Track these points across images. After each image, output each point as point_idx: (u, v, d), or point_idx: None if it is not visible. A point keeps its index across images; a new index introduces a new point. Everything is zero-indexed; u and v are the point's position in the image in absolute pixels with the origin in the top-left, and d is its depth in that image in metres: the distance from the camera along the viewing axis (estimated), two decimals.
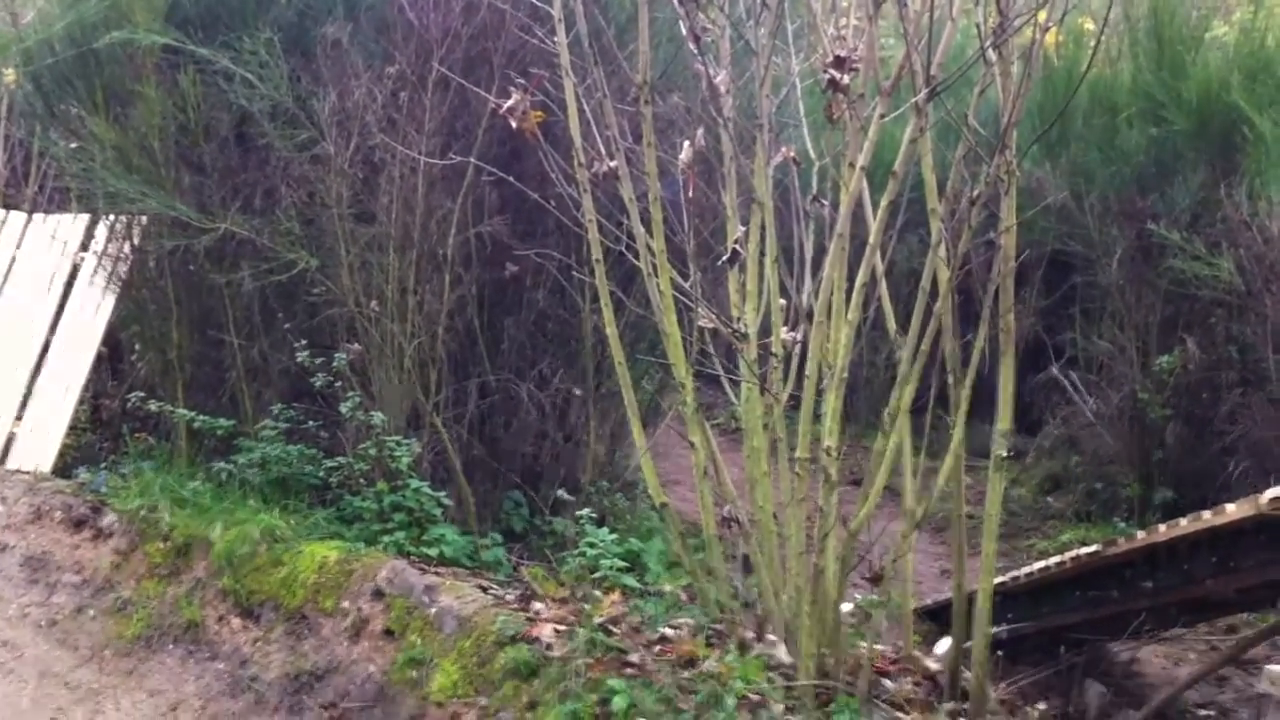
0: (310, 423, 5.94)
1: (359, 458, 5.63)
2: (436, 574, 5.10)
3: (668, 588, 5.12)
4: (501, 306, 6.17)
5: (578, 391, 6.22)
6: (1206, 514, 3.82)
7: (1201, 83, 7.21)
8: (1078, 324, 8.08)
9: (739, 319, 4.45)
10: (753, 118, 4.37)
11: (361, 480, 5.67)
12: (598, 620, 4.46)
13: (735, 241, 4.39)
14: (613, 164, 4.28)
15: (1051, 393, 8.35)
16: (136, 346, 7.27)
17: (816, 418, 4.16)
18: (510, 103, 4.46)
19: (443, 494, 5.62)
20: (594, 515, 5.36)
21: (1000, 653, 4.82)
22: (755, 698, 3.94)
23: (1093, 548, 4.54)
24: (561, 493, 5.85)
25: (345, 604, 5.02)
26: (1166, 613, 4.61)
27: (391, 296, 5.83)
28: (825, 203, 4.44)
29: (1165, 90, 7.41)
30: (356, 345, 5.86)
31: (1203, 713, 5.23)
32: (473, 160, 5.59)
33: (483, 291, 6.07)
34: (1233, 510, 3.67)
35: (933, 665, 4.81)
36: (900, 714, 4.27)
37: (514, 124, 4.42)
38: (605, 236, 4.60)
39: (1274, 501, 3.49)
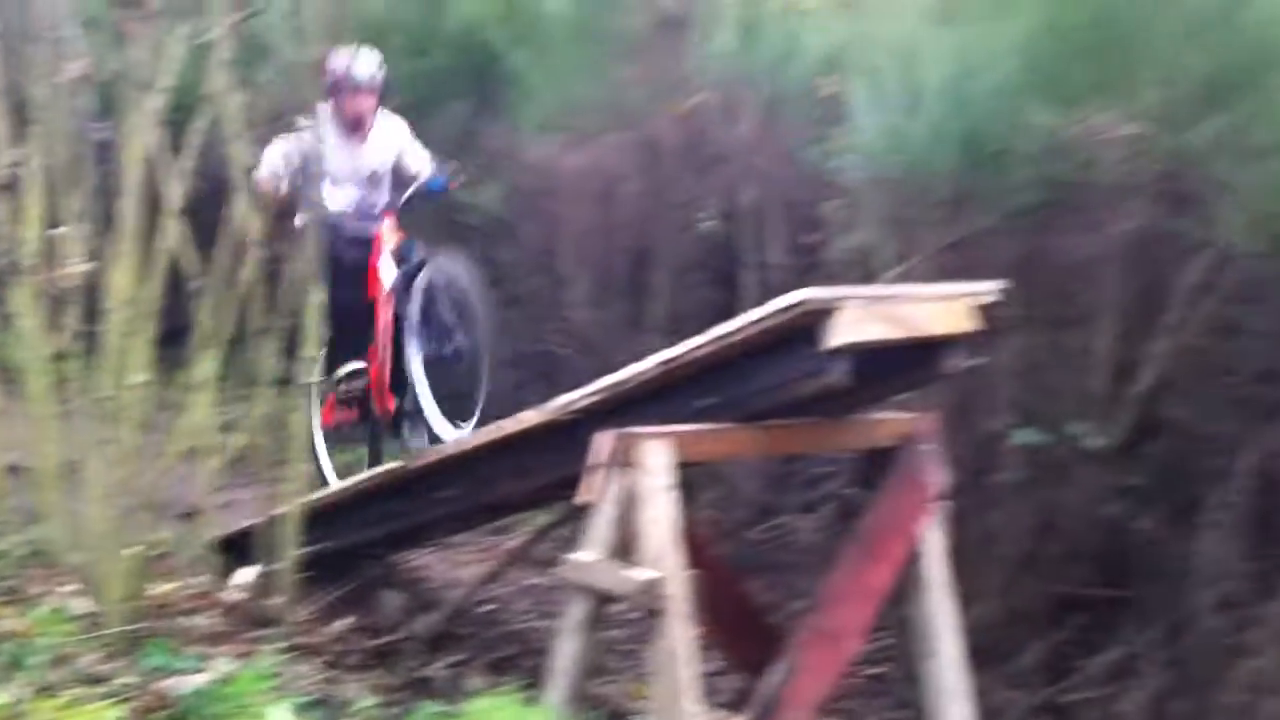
0: None
1: None
2: None
3: None
4: None
5: None
6: (505, 423, 4.14)
7: (459, 20, 7.60)
8: None
9: (15, 249, 4.08)
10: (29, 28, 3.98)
11: None
12: None
13: (9, 164, 4.01)
14: None
15: None
16: None
17: (117, 355, 3.93)
18: None
19: None
20: None
21: (302, 575, 4.88)
22: (65, 652, 3.66)
23: (396, 463, 4.74)
24: None
25: None
26: (464, 519, 4.93)
27: None
28: (111, 125, 4.17)
29: (424, 25, 7.70)
30: None
31: (486, 608, 5.69)
32: None
33: None
34: (530, 416, 4.02)
35: (234, 596, 4.76)
36: (209, 648, 4.20)
37: None
38: None
39: (563, 407, 3.88)
